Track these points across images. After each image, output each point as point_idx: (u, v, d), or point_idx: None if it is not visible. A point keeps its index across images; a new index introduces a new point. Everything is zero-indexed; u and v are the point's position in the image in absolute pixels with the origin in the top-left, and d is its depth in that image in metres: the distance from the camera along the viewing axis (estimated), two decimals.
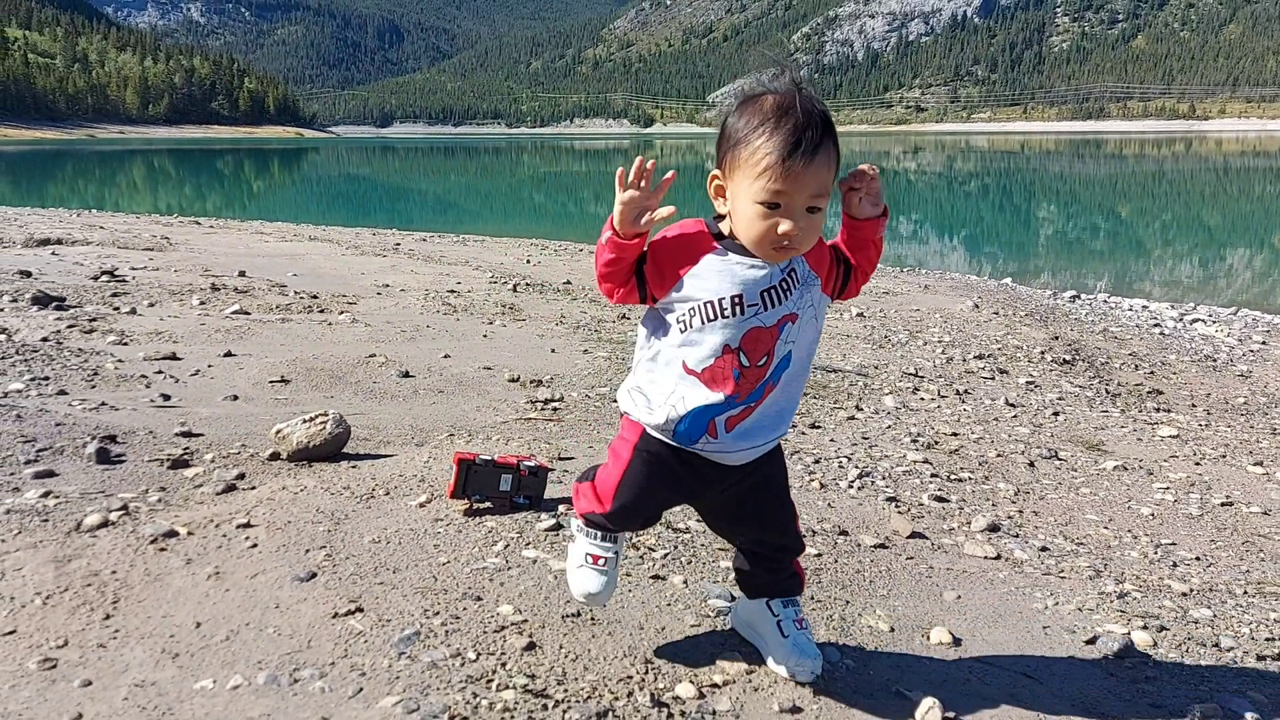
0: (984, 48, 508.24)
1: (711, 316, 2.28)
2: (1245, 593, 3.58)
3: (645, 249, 2.33)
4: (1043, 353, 8.60)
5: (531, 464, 3.86)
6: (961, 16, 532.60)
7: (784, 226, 2.18)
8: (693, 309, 2.30)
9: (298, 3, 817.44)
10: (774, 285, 2.30)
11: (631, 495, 2.53)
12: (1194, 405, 7.32)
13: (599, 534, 2.66)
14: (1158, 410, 6.95)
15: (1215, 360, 9.39)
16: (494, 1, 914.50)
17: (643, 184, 2.24)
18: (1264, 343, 10.47)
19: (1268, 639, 3.17)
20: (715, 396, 2.33)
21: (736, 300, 2.28)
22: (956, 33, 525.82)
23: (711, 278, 2.28)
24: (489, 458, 3.78)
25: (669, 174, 2.31)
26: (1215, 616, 3.33)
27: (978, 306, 11.02)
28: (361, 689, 2.53)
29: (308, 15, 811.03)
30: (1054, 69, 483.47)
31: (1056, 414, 6.37)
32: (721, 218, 2.34)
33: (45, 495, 3.66)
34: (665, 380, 2.39)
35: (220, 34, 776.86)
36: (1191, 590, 3.55)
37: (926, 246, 23.53)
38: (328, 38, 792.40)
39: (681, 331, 2.33)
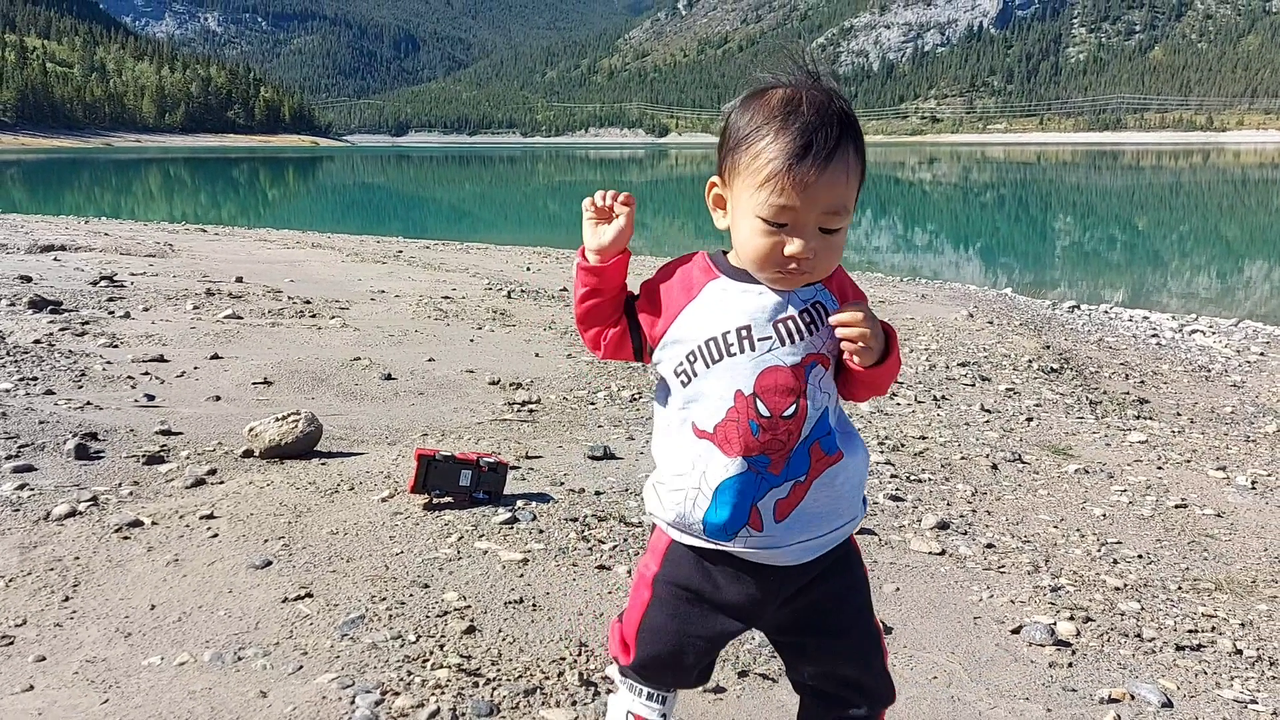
0: (1000, 58, 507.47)
1: (716, 356, 1.85)
2: (1179, 588, 3.68)
3: (636, 293, 1.97)
4: (1030, 361, 8.67)
5: (491, 460, 3.99)
6: (977, 27, 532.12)
7: (791, 247, 1.78)
8: (693, 352, 1.87)
9: (314, 12, 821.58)
10: (791, 316, 1.85)
11: (657, 645, 2.02)
12: (1178, 414, 7.39)
13: (644, 689, 2.11)
14: (1138, 418, 7.02)
15: (1209, 370, 9.44)
16: (510, 12, 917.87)
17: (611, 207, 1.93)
18: (1262, 354, 10.51)
19: (1189, 631, 3.27)
20: (734, 463, 1.85)
21: (744, 333, 1.85)
22: (972, 43, 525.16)
23: (714, 310, 1.87)
24: (449, 453, 3.90)
25: (625, 195, 1.93)
26: (1143, 609, 3.43)
27: (972, 316, 11.10)
28: (301, 667, 2.66)
29: (324, 25, 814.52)
30: (1070, 80, 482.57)
31: (1030, 420, 6.46)
32: (726, 253, 1.94)
33: (20, 488, 3.81)
34: (681, 452, 1.92)
35: (237, 43, 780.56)
36: (1125, 585, 3.65)
37: (937, 258, 23.64)
38: (344, 47, 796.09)
39: (684, 384, 1.89)
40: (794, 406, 1.84)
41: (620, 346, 1.96)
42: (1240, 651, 3.15)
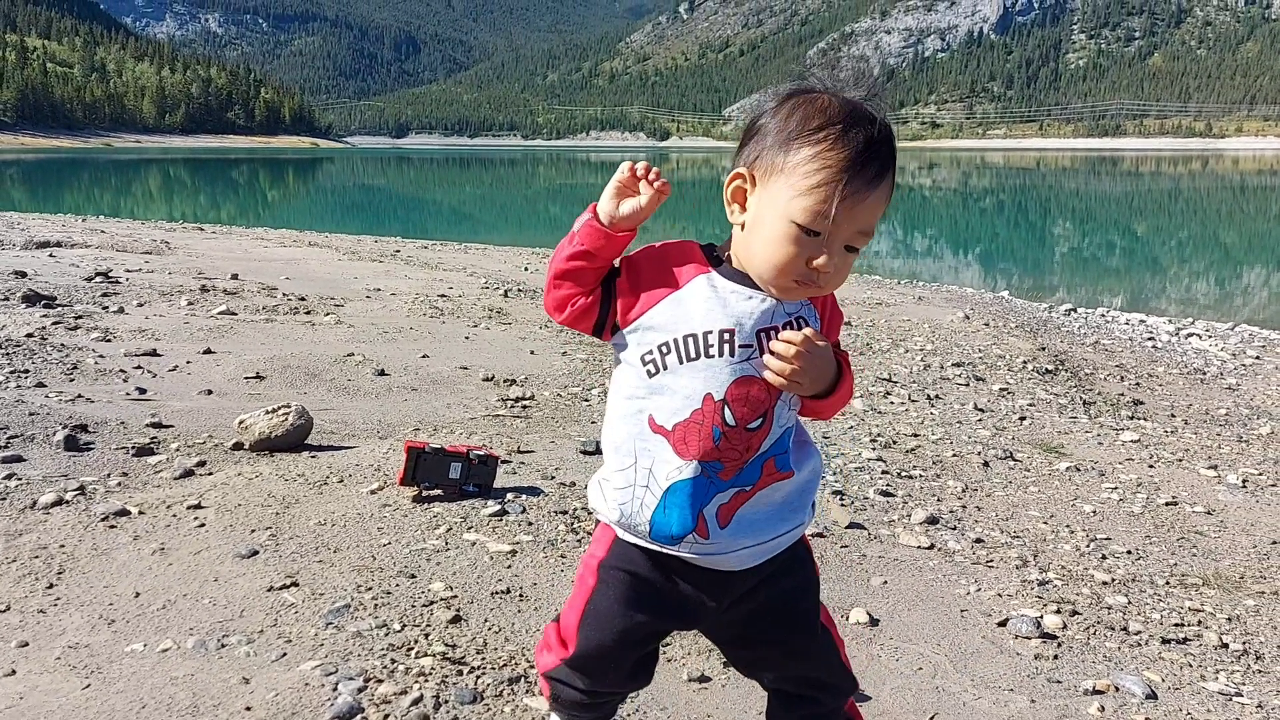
0: (1000, 64, 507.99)
1: (692, 354, 1.77)
2: (1167, 583, 3.68)
3: (618, 265, 1.87)
4: (1025, 362, 8.67)
5: (481, 453, 3.98)
6: (978, 33, 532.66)
7: (820, 260, 1.72)
8: (667, 344, 1.79)
9: (315, 14, 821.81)
10: (775, 328, 1.79)
11: (600, 631, 1.93)
12: (1173, 415, 7.39)
13: (577, 711, 2.03)
14: (1132, 418, 7.03)
15: (1205, 373, 9.43)
16: (511, 14, 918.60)
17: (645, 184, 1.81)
18: (1258, 357, 10.51)
19: (1176, 625, 3.27)
20: (689, 466, 1.79)
21: (726, 336, 1.77)
22: (973, 49, 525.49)
23: (698, 306, 1.79)
24: (439, 446, 3.90)
25: (665, 184, 1.80)
26: (1130, 603, 3.43)
27: (968, 318, 11.09)
28: (285, 654, 2.66)
29: (324, 26, 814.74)
30: (1070, 86, 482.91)
31: (1023, 419, 6.46)
32: (717, 255, 1.86)
33: (7, 478, 3.80)
34: (628, 443, 1.85)
35: (238, 44, 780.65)
36: (1113, 580, 3.65)
37: (936, 261, 23.64)
38: (344, 48, 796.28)
39: (651, 374, 1.80)
40: (761, 420, 1.80)
41: (584, 317, 1.84)
42: (1226, 645, 3.16)
